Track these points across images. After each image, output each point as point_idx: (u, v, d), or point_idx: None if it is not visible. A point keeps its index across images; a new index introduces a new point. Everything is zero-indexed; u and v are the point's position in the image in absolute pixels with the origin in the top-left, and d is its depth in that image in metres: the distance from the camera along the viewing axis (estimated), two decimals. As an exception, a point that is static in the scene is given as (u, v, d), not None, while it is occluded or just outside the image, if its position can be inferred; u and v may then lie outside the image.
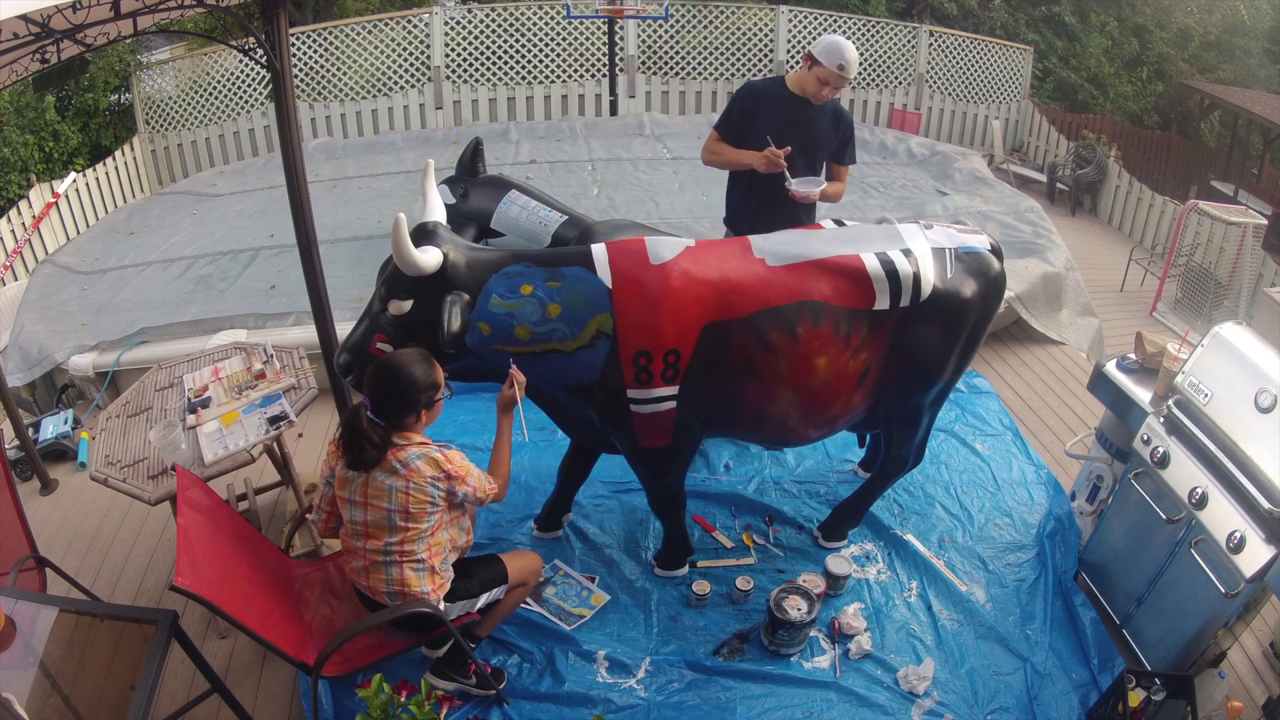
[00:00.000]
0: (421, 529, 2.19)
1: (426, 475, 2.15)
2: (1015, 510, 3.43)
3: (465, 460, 2.25)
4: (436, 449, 2.20)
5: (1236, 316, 4.48)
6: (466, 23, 8.22)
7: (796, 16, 8.64)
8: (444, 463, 2.18)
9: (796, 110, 3.10)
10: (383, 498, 2.16)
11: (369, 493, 2.17)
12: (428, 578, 2.25)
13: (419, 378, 2.16)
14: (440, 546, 2.27)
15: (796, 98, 3.10)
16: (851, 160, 3.31)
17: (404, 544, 2.19)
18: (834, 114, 3.19)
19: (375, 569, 2.24)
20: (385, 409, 2.15)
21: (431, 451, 2.18)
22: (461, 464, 2.22)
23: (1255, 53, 13.01)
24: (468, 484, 2.22)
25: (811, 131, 3.14)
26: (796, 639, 2.74)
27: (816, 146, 3.19)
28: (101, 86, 8.06)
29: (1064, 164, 8.33)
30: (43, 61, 2.47)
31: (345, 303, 4.43)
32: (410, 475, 2.14)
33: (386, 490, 2.14)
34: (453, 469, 2.19)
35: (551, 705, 2.60)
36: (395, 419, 2.16)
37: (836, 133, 3.21)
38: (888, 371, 2.62)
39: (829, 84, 3.01)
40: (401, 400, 2.15)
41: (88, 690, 2.09)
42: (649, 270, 2.37)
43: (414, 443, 2.18)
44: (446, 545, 2.30)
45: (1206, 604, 2.42)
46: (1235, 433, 2.48)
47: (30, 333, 4.70)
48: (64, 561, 3.01)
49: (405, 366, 2.15)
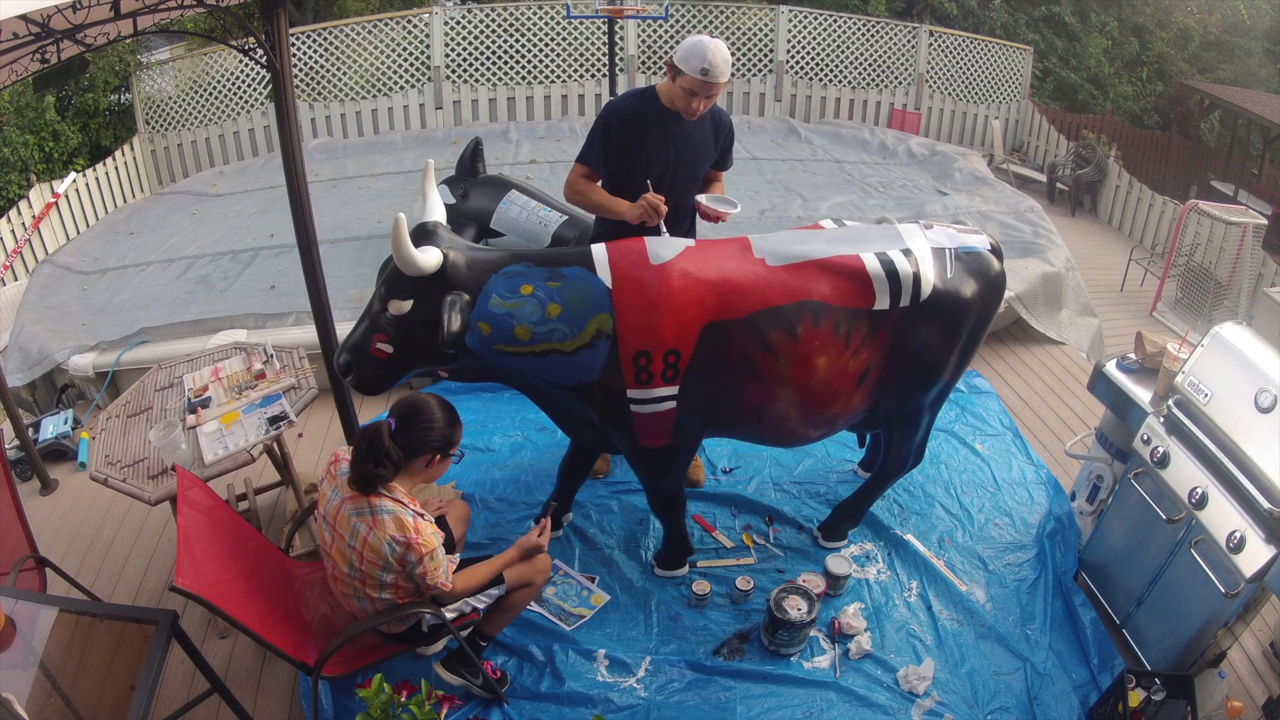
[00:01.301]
0: (377, 581, 2.16)
1: (388, 532, 2.08)
2: (1015, 510, 3.43)
3: (434, 539, 2.13)
4: (412, 514, 2.12)
5: (1236, 316, 4.49)
6: (466, 23, 8.22)
7: (796, 16, 8.64)
8: (409, 528, 2.09)
9: (672, 128, 2.71)
10: (346, 533, 2.14)
11: (338, 519, 2.16)
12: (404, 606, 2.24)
13: (445, 422, 2.17)
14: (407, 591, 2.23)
15: (669, 114, 2.69)
16: (729, 166, 2.97)
17: (365, 583, 2.18)
18: (714, 123, 2.82)
19: (346, 597, 2.25)
20: (406, 437, 2.13)
21: (404, 514, 2.10)
22: (429, 539, 2.11)
23: (1255, 53, 13.01)
24: (424, 563, 2.11)
25: (691, 148, 2.78)
26: (796, 639, 2.74)
27: (699, 163, 2.84)
28: (101, 86, 8.06)
29: (1064, 164, 8.33)
30: (43, 61, 2.47)
31: (345, 303, 4.43)
32: (374, 524, 2.09)
33: (352, 529, 2.12)
34: (415, 539, 2.09)
35: (551, 705, 2.60)
36: (408, 451, 2.13)
37: (717, 141, 2.86)
38: (888, 371, 2.62)
39: (697, 94, 2.58)
40: (421, 435, 2.13)
41: (88, 690, 2.09)
42: (649, 270, 2.37)
43: (394, 496, 2.13)
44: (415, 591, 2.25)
45: (1206, 604, 2.42)
46: (1235, 433, 2.48)
47: (30, 333, 4.70)
48: (64, 561, 3.01)
49: (437, 406, 2.17)
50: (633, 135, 2.70)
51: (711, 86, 2.57)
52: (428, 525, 2.14)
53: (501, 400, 4.09)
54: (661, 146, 2.73)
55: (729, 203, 2.80)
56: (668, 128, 2.72)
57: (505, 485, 3.51)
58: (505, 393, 4.06)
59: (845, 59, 8.81)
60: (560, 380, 2.45)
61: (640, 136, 2.70)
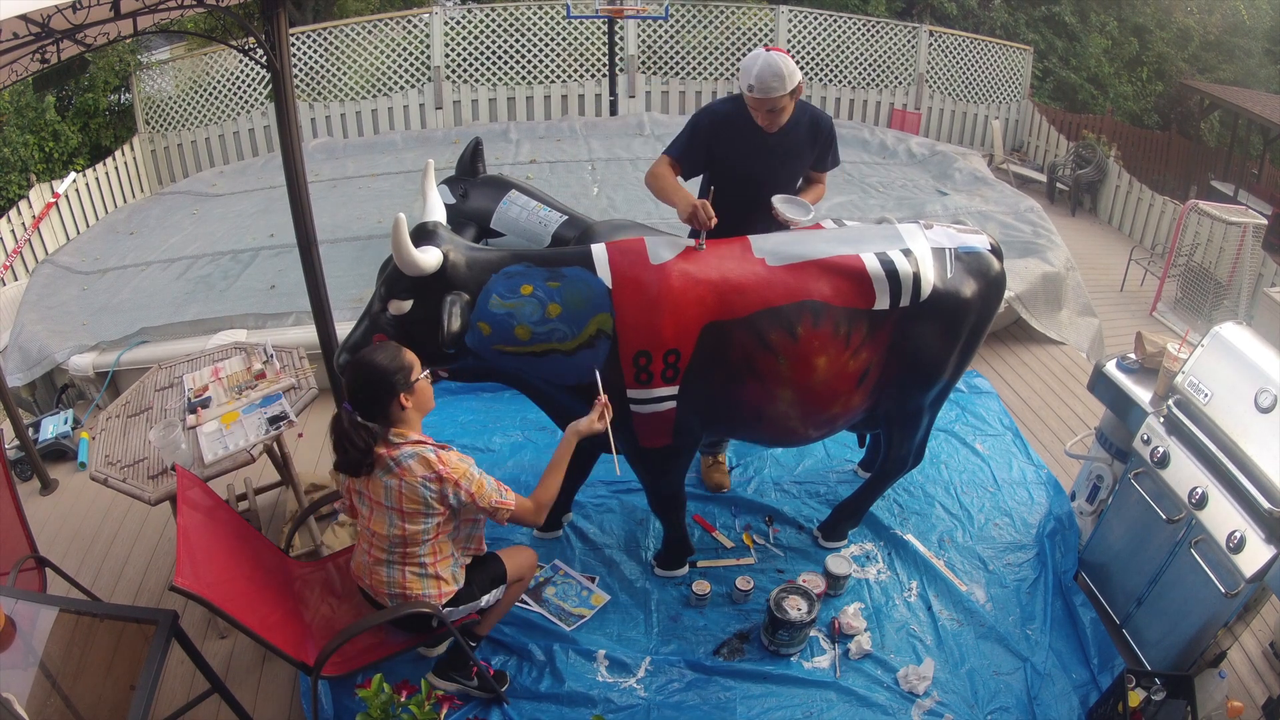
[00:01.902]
0: (419, 531, 2.16)
1: (417, 475, 2.10)
2: (1015, 510, 3.43)
3: (465, 464, 2.15)
4: (432, 448, 2.14)
5: (1236, 316, 4.48)
6: (466, 23, 8.22)
7: (796, 16, 8.64)
8: (435, 463, 2.10)
9: (761, 137, 2.73)
10: (381, 494, 2.14)
11: (371, 488, 2.17)
12: (431, 583, 2.23)
13: (384, 363, 2.10)
14: (445, 551, 2.24)
15: (756, 125, 2.72)
16: (834, 164, 2.97)
17: (406, 545, 2.18)
18: (811, 125, 2.81)
19: (378, 567, 2.23)
20: (363, 405, 2.11)
21: (425, 451, 2.12)
22: (457, 465, 2.13)
23: (1255, 53, 13.01)
24: (463, 488, 2.11)
25: (779, 157, 2.79)
26: (796, 639, 2.74)
27: (788, 170, 2.85)
28: (101, 86, 8.06)
29: (1064, 164, 8.33)
30: (43, 61, 2.47)
31: (345, 303, 4.43)
32: (403, 474, 2.10)
33: (384, 488, 2.13)
34: (444, 470, 2.10)
35: (551, 705, 2.60)
36: (378, 412, 2.11)
37: (814, 145, 2.86)
38: (888, 371, 2.62)
39: (759, 110, 2.63)
40: (375, 391, 2.10)
41: (88, 690, 2.09)
42: (649, 270, 2.37)
43: (409, 440, 2.13)
44: (453, 551, 2.26)
45: (1206, 604, 2.42)
46: (1235, 433, 2.48)
47: (30, 333, 4.70)
48: (64, 561, 3.01)
49: (368, 357, 2.12)
50: (721, 137, 2.74)
51: (764, 102, 2.59)
52: (452, 454, 2.15)
53: (501, 400, 4.09)
54: (745, 153, 2.75)
55: (802, 208, 2.73)
56: (755, 136, 2.73)
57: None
58: (505, 393, 4.06)
59: (845, 59, 8.81)
60: (560, 380, 2.45)
61: (728, 141, 2.73)
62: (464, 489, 2.12)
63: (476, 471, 2.16)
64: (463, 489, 2.12)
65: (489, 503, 2.16)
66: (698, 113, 2.79)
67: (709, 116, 2.76)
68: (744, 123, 2.72)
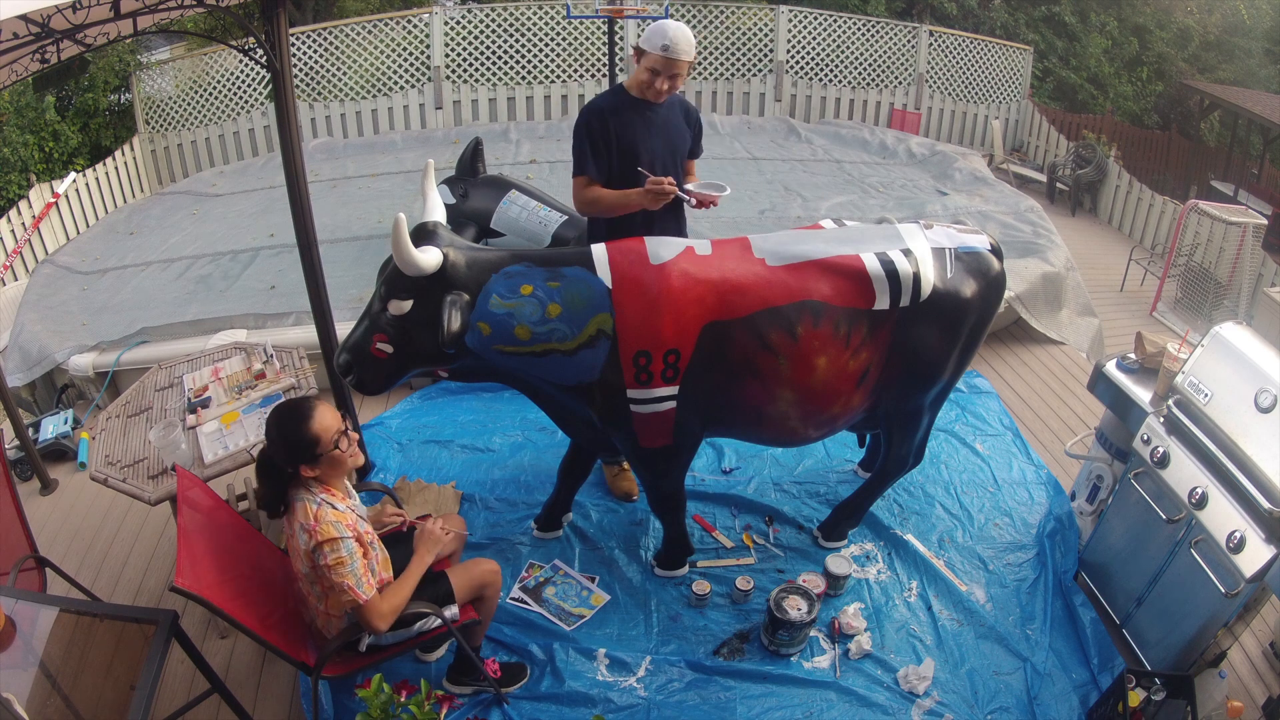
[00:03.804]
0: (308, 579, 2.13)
1: (296, 519, 2.06)
2: (1015, 510, 3.43)
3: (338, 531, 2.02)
4: (319, 501, 2.06)
5: (1236, 316, 4.48)
6: (466, 23, 8.23)
7: (796, 16, 8.64)
8: (310, 516, 2.02)
9: (648, 115, 2.75)
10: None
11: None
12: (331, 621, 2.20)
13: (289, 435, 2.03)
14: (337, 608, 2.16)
15: (641, 103, 2.74)
16: (700, 153, 2.99)
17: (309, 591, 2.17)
18: (682, 107, 2.87)
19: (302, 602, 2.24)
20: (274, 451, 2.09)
21: (309, 501, 2.05)
22: (326, 526, 2.01)
23: (1255, 53, 13.01)
24: (325, 554, 2.00)
25: (670, 132, 2.82)
26: (796, 639, 2.74)
27: (679, 147, 2.86)
28: (101, 86, 8.07)
29: (1064, 164, 8.34)
30: (43, 61, 2.47)
31: (345, 303, 4.43)
32: (290, 513, 2.10)
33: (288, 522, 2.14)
34: (314, 526, 2.01)
35: (551, 705, 2.60)
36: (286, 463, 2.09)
37: (689, 127, 2.89)
38: (888, 371, 2.62)
39: (660, 73, 2.63)
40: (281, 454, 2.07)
41: (88, 690, 2.09)
42: (649, 270, 2.37)
43: (303, 482, 2.10)
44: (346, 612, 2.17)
45: (1206, 604, 2.42)
46: (1235, 433, 2.48)
47: (30, 333, 4.71)
48: (64, 561, 3.01)
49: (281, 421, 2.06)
50: (615, 128, 2.72)
51: (674, 64, 2.62)
52: (331, 515, 2.03)
53: (501, 400, 4.09)
54: (645, 134, 2.76)
55: (717, 186, 2.77)
56: (644, 115, 2.75)
57: (505, 485, 3.51)
58: (505, 393, 4.06)
59: (845, 59, 8.82)
60: (560, 380, 2.45)
61: (622, 127, 2.73)
62: (326, 555, 2.01)
63: (346, 550, 2.03)
64: (326, 554, 2.01)
65: (342, 583, 2.03)
66: (581, 123, 2.74)
67: (596, 116, 2.72)
68: (629, 108, 2.74)
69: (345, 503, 2.14)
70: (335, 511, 2.06)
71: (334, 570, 2.02)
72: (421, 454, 3.73)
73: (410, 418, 4.02)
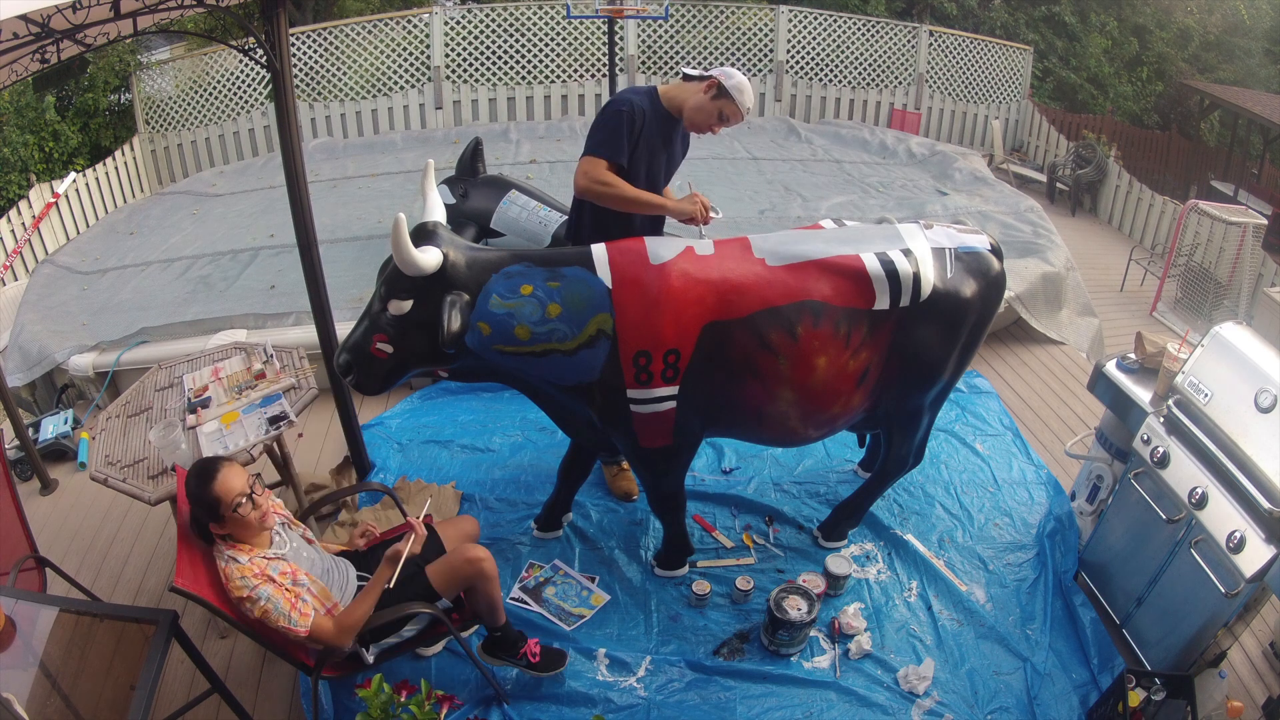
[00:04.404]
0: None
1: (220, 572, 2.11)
2: (1015, 510, 3.43)
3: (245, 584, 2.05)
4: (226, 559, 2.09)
5: (1236, 316, 4.48)
6: (466, 23, 8.22)
7: (796, 16, 8.64)
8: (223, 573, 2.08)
9: (669, 131, 2.76)
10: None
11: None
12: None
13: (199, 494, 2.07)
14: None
15: (671, 117, 2.72)
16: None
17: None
18: (683, 132, 2.87)
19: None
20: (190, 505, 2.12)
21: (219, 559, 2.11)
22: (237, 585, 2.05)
23: (1255, 53, 13.01)
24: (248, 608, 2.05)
25: (677, 152, 2.88)
26: (796, 639, 2.74)
27: (677, 165, 2.93)
28: (101, 86, 8.07)
29: (1064, 164, 8.33)
30: (43, 61, 2.47)
31: (345, 303, 4.43)
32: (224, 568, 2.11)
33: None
34: (230, 585, 2.06)
35: (551, 705, 2.60)
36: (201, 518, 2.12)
37: (684, 149, 2.94)
38: (888, 371, 2.62)
39: (727, 122, 2.69)
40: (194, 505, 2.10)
41: (88, 690, 2.09)
42: (649, 270, 2.37)
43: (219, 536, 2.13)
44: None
45: (1206, 604, 2.42)
46: (1235, 433, 2.48)
47: (30, 333, 4.70)
48: (64, 561, 3.01)
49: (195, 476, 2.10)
50: (645, 132, 2.68)
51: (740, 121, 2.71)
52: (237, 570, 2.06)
53: (501, 400, 4.09)
54: (660, 146, 2.76)
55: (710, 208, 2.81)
56: (666, 129, 2.76)
57: (505, 485, 3.51)
58: (505, 393, 4.06)
59: (845, 59, 8.81)
60: (560, 380, 2.45)
61: (649, 135, 2.70)
62: (250, 609, 2.06)
63: (263, 597, 2.05)
64: (249, 609, 2.06)
65: (278, 625, 2.07)
66: (619, 110, 2.60)
67: (639, 113, 2.63)
68: (658, 115, 2.71)
69: (250, 554, 2.12)
70: (239, 565, 2.09)
71: (265, 619, 2.06)
72: (421, 454, 3.74)
73: (410, 418, 4.02)
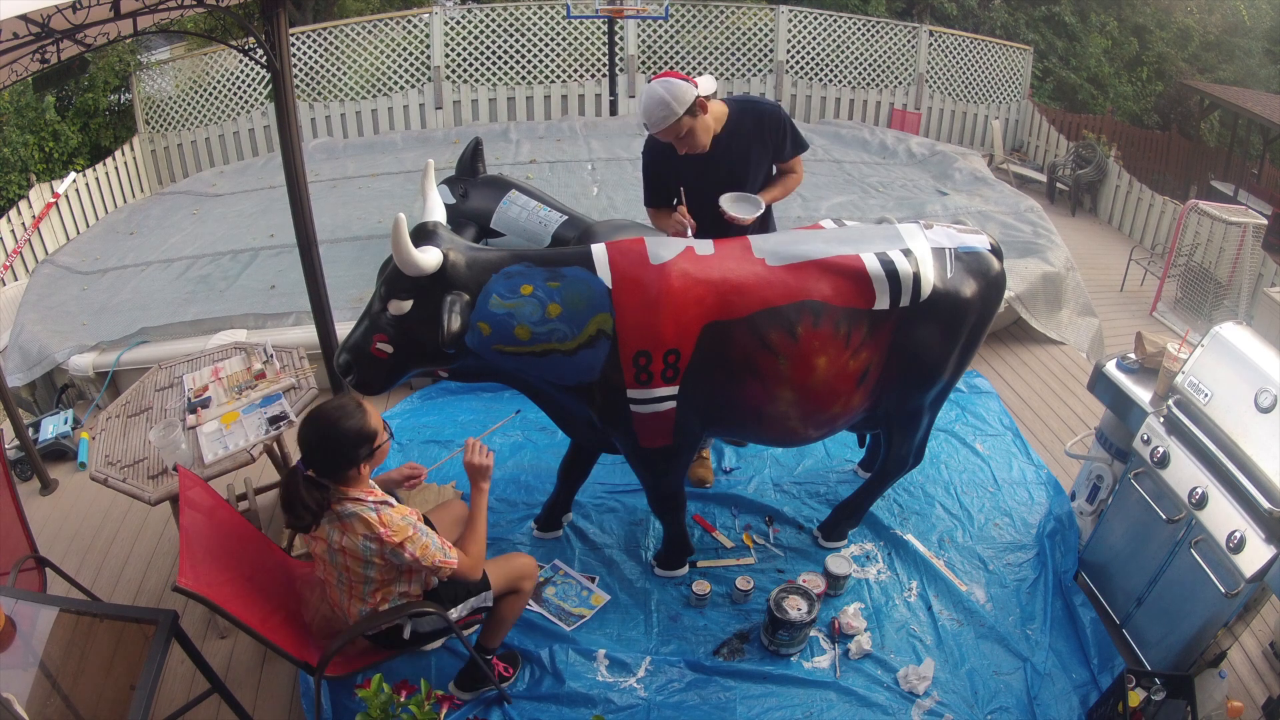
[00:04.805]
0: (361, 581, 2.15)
1: (358, 533, 2.07)
2: (1015, 510, 3.43)
3: (408, 524, 2.09)
4: (373, 506, 2.08)
5: (1236, 316, 4.48)
6: (466, 23, 8.23)
7: (796, 16, 8.64)
8: (375, 524, 2.06)
9: (695, 158, 2.77)
10: (324, 548, 2.14)
11: (316, 541, 2.17)
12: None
13: (349, 432, 2.04)
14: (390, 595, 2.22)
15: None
16: (799, 149, 2.93)
17: (352, 590, 2.18)
18: (755, 123, 2.82)
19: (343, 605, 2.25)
20: (319, 465, 2.07)
21: (365, 511, 2.07)
22: (399, 527, 2.07)
23: (1255, 53, 13.02)
24: (406, 550, 2.08)
25: (725, 170, 2.83)
26: (796, 639, 2.74)
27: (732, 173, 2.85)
28: (101, 86, 8.07)
29: (1064, 164, 8.34)
30: (43, 61, 2.47)
31: (345, 303, 4.43)
32: (344, 529, 2.08)
33: (328, 541, 2.12)
34: (384, 532, 2.05)
35: (551, 705, 2.60)
36: (331, 475, 2.08)
37: (766, 141, 2.85)
38: (888, 371, 2.62)
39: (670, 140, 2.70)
40: (335, 456, 2.06)
41: (88, 690, 2.09)
42: (649, 270, 2.37)
43: (350, 498, 2.09)
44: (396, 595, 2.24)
45: (1206, 604, 2.42)
46: (1235, 433, 2.48)
47: (30, 333, 4.71)
48: (64, 561, 3.01)
49: (334, 421, 2.04)
50: (665, 167, 2.86)
51: (666, 132, 2.66)
52: (394, 513, 2.09)
53: (501, 400, 4.09)
54: (692, 174, 2.82)
55: (751, 204, 2.81)
56: (692, 156, 2.78)
57: (505, 485, 3.51)
58: (505, 393, 4.06)
59: (845, 59, 8.82)
60: (560, 380, 2.45)
61: (675, 167, 2.82)
62: (408, 551, 2.08)
63: (421, 531, 2.11)
64: (406, 551, 2.08)
65: (432, 562, 2.13)
66: (643, 153, 2.97)
67: (650, 154, 2.93)
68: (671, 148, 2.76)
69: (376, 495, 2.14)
70: (394, 508, 2.12)
71: (423, 558, 2.11)
72: (421, 454, 3.73)
73: (410, 418, 4.02)
